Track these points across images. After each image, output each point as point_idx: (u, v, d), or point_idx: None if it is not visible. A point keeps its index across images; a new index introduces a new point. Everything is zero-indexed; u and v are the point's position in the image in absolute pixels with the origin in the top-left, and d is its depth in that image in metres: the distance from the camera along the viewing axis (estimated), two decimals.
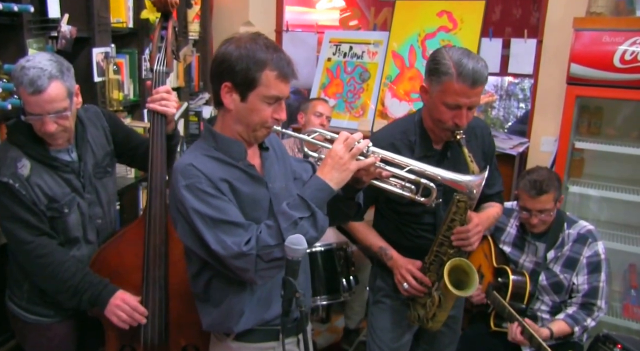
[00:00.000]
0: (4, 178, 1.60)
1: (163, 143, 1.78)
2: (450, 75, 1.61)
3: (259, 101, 1.35)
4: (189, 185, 1.34)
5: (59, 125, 1.61)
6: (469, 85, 1.60)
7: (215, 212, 1.33)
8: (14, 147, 1.65)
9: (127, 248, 1.78)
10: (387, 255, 1.90)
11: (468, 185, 1.49)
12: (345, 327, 3.09)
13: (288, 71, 1.36)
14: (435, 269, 1.80)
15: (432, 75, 1.66)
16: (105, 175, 1.84)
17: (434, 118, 1.71)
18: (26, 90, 1.54)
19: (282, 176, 1.52)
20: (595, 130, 2.85)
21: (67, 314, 1.82)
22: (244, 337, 1.48)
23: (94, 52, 2.41)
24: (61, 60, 1.62)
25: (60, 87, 1.57)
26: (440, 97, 1.65)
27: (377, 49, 3.39)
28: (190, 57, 3.33)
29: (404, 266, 1.85)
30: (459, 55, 1.62)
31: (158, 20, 1.86)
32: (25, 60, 1.57)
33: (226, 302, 1.44)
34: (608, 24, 2.50)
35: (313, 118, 2.84)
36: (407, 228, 1.87)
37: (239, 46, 1.34)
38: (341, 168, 1.33)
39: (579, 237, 2.18)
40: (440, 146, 1.81)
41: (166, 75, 1.81)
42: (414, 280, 1.83)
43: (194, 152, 1.42)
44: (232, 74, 1.33)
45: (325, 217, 1.35)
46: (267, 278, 1.37)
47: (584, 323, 2.12)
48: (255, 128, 1.39)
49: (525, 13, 3.51)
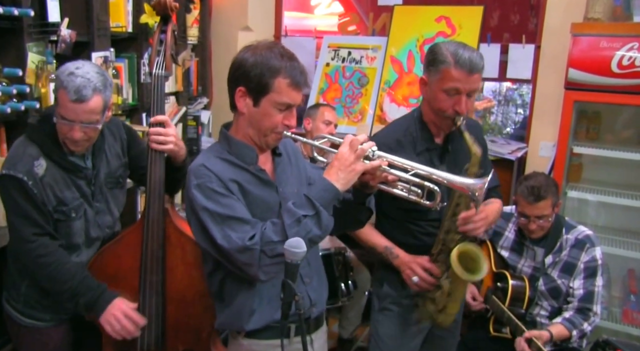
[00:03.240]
0: (18, 174, 1.62)
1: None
2: (448, 63, 1.67)
3: (271, 107, 1.40)
4: (200, 184, 1.39)
5: (86, 134, 1.65)
6: (467, 71, 1.66)
7: (223, 209, 1.37)
8: (34, 145, 1.67)
9: (124, 252, 1.78)
10: (392, 254, 1.87)
11: (471, 188, 1.50)
12: (338, 336, 3.05)
13: (300, 80, 1.41)
14: (443, 259, 1.79)
15: (431, 66, 1.72)
16: (117, 185, 1.87)
17: (434, 108, 1.75)
18: (69, 97, 1.57)
19: (294, 181, 1.55)
20: (593, 135, 2.85)
21: (64, 319, 1.82)
22: (255, 334, 1.52)
23: (93, 56, 2.41)
24: (106, 74, 1.67)
25: (100, 101, 1.62)
26: (440, 84, 1.69)
27: (376, 54, 3.39)
28: (189, 61, 3.34)
29: (412, 260, 1.84)
30: (454, 47, 1.70)
31: (157, 24, 1.86)
32: (75, 67, 1.60)
33: (237, 301, 1.49)
34: (606, 30, 2.51)
35: (322, 126, 2.85)
36: (413, 225, 1.86)
37: (255, 53, 1.40)
38: (347, 169, 1.36)
39: (577, 242, 2.18)
40: (441, 140, 1.84)
41: (165, 79, 1.81)
42: (424, 272, 1.81)
43: (207, 153, 1.49)
44: (246, 79, 1.40)
45: (330, 217, 1.38)
46: (271, 274, 1.39)
47: (581, 328, 2.11)
48: (265, 133, 1.44)
49: (523, 19, 3.52)
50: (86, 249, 1.80)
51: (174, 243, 1.77)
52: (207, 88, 3.60)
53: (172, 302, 1.78)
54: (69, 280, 1.67)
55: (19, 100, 2.00)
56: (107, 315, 1.68)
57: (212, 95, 3.63)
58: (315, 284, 1.58)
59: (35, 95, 2.10)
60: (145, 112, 2.84)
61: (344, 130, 3.28)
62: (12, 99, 1.98)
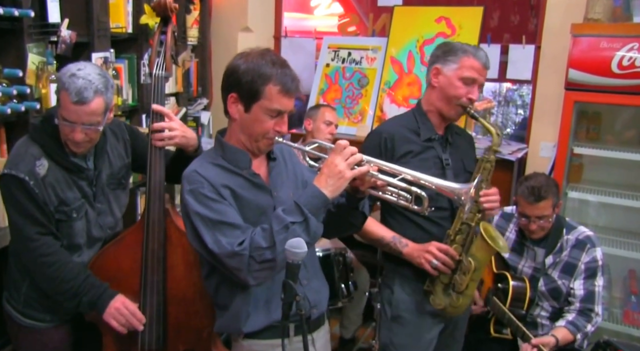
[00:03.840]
0: (20, 174, 1.62)
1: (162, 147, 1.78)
2: (468, 52, 1.79)
3: (262, 113, 1.43)
4: (192, 190, 1.42)
5: (87, 136, 1.65)
6: (482, 64, 1.80)
7: (215, 214, 1.40)
8: (36, 145, 1.67)
9: (125, 252, 1.78)
10: (401, 243, 1.85)
11: (456, 192, 1.50)
12: (340, 337, 3.05)
13: (291, 87, 1.42)
14: (461, 240, 1.79)
15: (448, 56, 1.82)
16: (119, 187, 1.86)
17: (448, 95, 1.82)
18: (70, 98, 1.57)
19: (289, 185, 1.57)
20: (593, 136, 2.85)
21: (64, 319, 1.81)
22: (254, 335, 1.54)
23: (93, 56, 2.42)
24: (108, 76, 1.67)
25: (102, 103, 1.62)
26: (458, 72, 1.79)
27: (376, 55, 3.40)
28: (188, 62, 3.34)
29: (426, 245, 1.81)
30: (466, 45, 1.83)
31: (157, 25, 1.87)
32: (77, 68, 1.60)
33: (233, 305, 1.51)
34: (606, 30, 2.51)
35: (322, 126, 2.85)
36: (421, 217, 1.80)
37: (247, 60, 1.43)
38: (336, 176, 1.37)
39: (578, 243, 2.17)
40: (442, 131, 1.91)
41: (165, 80, 1.82)
42: (443, 254, 1.78)
43: (201, 159, 1.52)
44: (238, 85, 1.42)
45: (319, 224, 1.39)
46: (260, 279, 1.41)
47: (584, 330, 2.11)
48: (257, 138, 1.47)
49: (523, 19, 3.52)
50: (87, 250, 1.79)
51: (174, 243, 1.77)
52: (207, 89, 3.60)
53: (173, 302, 1.77)
54: (72, 280, 1.67)
55: (19, 101, 2.00)
56: (111, 309, 1.69)
57: (212, 96, 3.63)
58: (314, 285, 1.59)
59: (36, 96, 2.11)
60: (145, 113, 2.84)
61: (345, 131, 3.29)
62: (13, 100, 1.99)
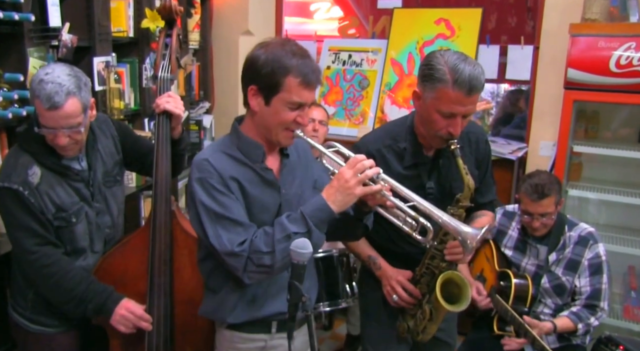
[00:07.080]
0: (13, 185, 1.59)
1: (168, 149, 1.79)
2: (445, 82, 1.51)
3: (282, 106, 1.38)
4: (201, 179, 1.40)
5: (71, 139, 1.61)
6: (465, 92, 1.50)
7: (220, 208, 1.38)
8: (26, 154, 1.64)
9: (131, 255, 1.78)
10: (375, 265, 1.82)
11: (464, 235, 1.41)
12: (347, 334, 3.07)
13: (312, 78, 1.38)
14: (426, 281, 1.72)
15: (426, 81, 1.56)
16: (115, 184, 1.85)
17: (426, 126, 1.62)
18: (42, 105, 1.53)
19: (300, 183, 1.54)
20: (592, 134, 2.88)
21: (72, 324, 1.81)
22: (237, 327, 1.53)
23: (94, 61, 2.42)
24: (80, 74, 1.61)
25: (77, 104, 1.57)
26: (435, 104, 1.55)
27: (376, 57, 3.41)
28: (190, 66, 3.35)
29: (393, 277, 1.77)
30: (454, 60, 1.52)
31: (162, 29, 1.88)
32: (44, 73, 1.55)
33: (222, 293, 1.50)
34: (604, 30, 2.54)
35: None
36: (396, 234, 1.68)
37: (267, 51, 1.37)
38: (345, 192, 1.35)
39: (580, 239, 2.19)
40: (432, 153, 1.73)
41: (171, 82, 1.82)
42: (404, 292, 1.75)
43: (214, 146, 1.48)
44: (257, 77, 1.37)
45: (321, 236, 1.38)
46: (255, 280, 1.41)
47: (587, 321, 2.12)
48: (277, 131, 1.42)
49: (521, 21, 3.56)
50: (92, 252, 1.79)
51: (181, 244, 1.77)
52: (208, 93, 3.61)
53: (180, 304, 1.78)
54: (75, 288, 1.66)
55: (21, 106, 2.00)
56: (117, 316, 1.68)
57: (213, 99, 3.64)
58: (306, 285, 1.54)
59: None
60: (148, 117, 2.85)
61: (346, 133, 3.30)
62: (14, 104, 1.98)
